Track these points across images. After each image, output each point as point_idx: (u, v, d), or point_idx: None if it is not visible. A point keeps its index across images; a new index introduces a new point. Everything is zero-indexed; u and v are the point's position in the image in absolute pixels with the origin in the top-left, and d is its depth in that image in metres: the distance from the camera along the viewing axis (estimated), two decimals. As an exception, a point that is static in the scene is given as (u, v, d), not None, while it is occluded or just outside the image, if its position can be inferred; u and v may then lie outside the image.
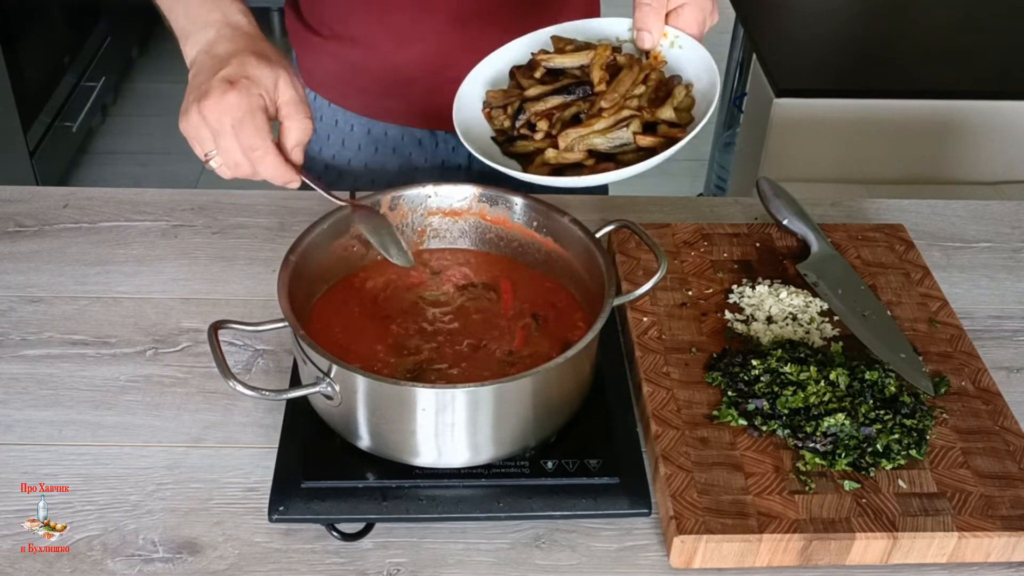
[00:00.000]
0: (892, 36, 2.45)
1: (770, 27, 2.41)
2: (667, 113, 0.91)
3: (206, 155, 0.91)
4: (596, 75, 0.93)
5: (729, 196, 2.53)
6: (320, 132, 1.36)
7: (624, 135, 0.91)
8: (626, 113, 0.91)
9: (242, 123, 0.89)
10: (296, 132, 0.93)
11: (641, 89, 0.94)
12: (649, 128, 0.94)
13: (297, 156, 0.94)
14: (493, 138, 0.99)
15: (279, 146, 0.93)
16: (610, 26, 1.02)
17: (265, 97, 0.91)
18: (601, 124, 0.91)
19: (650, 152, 0.91)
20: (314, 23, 1.30)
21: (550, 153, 0.91)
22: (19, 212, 1.25)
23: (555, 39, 1.01)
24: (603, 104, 0.92)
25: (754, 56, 2.34)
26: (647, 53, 0.98)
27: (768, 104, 2.18)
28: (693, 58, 0.96)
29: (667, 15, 0.96)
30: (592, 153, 0.92)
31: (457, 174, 1.36)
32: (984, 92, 2.20)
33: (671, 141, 0.90)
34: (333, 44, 1.29)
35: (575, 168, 0.93)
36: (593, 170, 0.91)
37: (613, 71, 0.95)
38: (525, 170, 0.94)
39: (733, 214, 1.28)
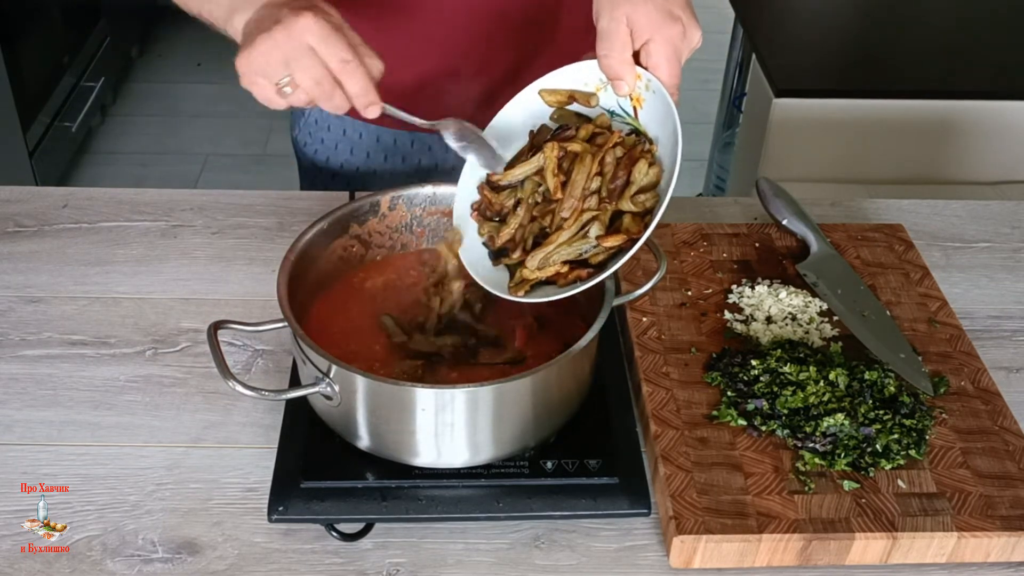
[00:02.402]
0: (892, 36, 2.45)
1: (769, 27, 2.41)
2: (625, 205, 0.90)
3: (276, 84, 0.87)
4: (551, 183, 0.91)
5: (728, 196, 2.52)
6: (327, 141, 1.36)
7: (587, 243, 0.90)
8: (587, 217, 0.90)
9: (327, 39, 0.85)
10: (374, 68, 0.89)
11: (598, 181, 0.91)
12: (614, 217, 0.91)
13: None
14: (485, 243, 0.97)
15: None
16: (595, 69, 0.95)
17: (343, 23, 0.88)
18: (564, 236, 0.90)
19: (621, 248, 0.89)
20: None
21: (527, 271, 0.91)
22: (18, 212, 1.25)
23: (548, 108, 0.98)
24: (563, 214, 0.91)
25: (753, 56, 2.34)
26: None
27: (767, 104, 2.18)
28: (657, 109, 0.90)
29: (637, 53, 0.90)
30: (566, 262, 0.91)
31: None
32: (984, 92, 2.20)
33: (634, 240, 0.88)
34: None
35: (550, 283, 0.92)
36: (567, 280, 0.90)
37: (569, 161, 0.93)
38: (511, 283, 0.93)
39: (733, 214, 1.28)
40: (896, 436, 0.92)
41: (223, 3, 0.94)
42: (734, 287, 1.10)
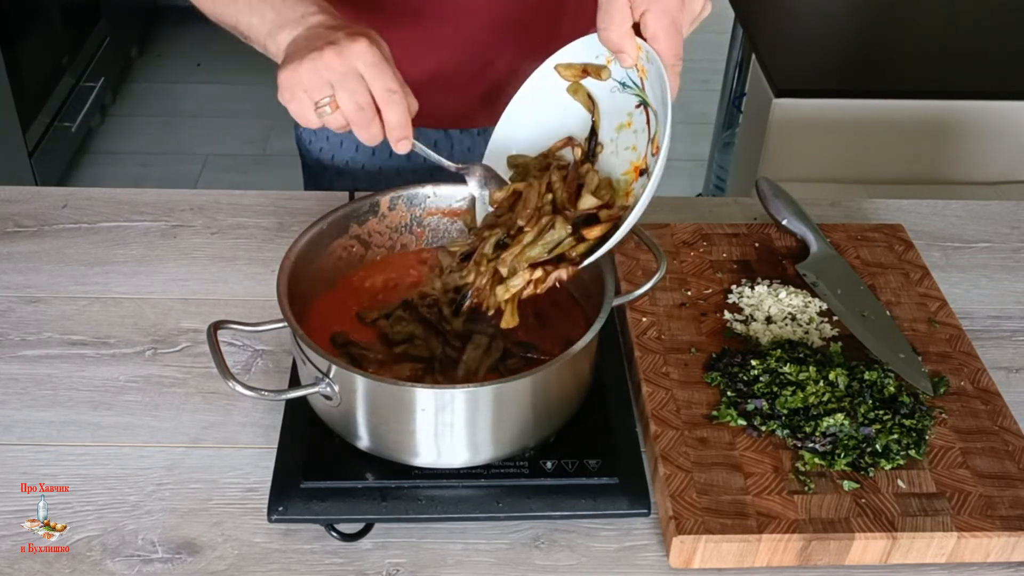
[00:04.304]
0: (891, 36, 2.45)
1: (769, 27, 2.41)
2: (587, 203, 0.89)
3: (317, 103, 0.87)
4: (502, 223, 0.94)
5: (728, 196, 2.52)
6: (332, 139, 1.36)
7: (558, 233, 0.89)
8: (546, 219, 0.91)
9: (378, 67, 0.87)
10: (413, 104, 0.91)
11: (549, 197, 0.93)
12: (590, 221, 0.92)
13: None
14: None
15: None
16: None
17: (391, 56, 0.89)
18: (529, 236, 0.91)
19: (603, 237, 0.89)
20: None
21: (500, 291, 0.91)
22: (18, 212, 1.25)
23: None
24: (520, 223, 0.91)
25: (753, 56, 2.34)
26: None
27: (767, 104, 2.18)
28: (654, 81, 0.90)
29: (638, 25, 0.90)
30: (537, 265, 0.91)
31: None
32: (983, 92, 2.20)
33: (617, 223, 0.88)
34: None
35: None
36: (544, 283, 0.91)
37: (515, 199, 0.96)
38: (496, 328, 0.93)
39: (732, 214, 1.28)
40: (896, 436, 0.92)
41: (268, 18, 0.94)
42: (734, 287, 1.10)
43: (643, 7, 0.89)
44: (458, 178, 1.01)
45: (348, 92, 0.86)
